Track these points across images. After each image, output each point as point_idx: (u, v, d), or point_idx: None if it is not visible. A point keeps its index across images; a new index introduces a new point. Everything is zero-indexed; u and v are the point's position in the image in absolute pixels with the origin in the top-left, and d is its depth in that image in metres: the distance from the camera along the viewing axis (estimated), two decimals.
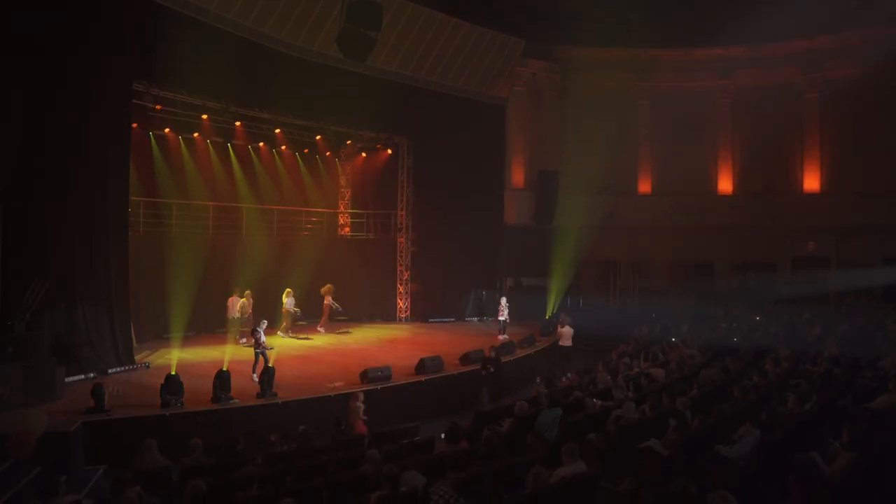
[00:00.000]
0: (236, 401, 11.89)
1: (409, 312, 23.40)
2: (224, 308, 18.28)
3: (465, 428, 10.14)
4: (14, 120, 12.15)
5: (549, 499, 6.21)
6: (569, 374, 15.23)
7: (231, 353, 15.55)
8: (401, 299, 23.41)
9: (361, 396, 11.76)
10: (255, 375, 13.51)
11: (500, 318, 19.80)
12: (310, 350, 17.72)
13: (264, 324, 14.36)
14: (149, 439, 8.79)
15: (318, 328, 20.35)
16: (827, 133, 24.28)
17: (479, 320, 23.40)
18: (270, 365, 12.87)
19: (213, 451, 9.66)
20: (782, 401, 9.29)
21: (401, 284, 23.46)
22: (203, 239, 19.12)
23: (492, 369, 14.50)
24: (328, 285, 20.36)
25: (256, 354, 13.92)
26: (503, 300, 20.21)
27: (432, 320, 22.80)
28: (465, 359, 15.65)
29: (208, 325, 19.10)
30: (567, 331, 17.96)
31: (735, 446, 7.89)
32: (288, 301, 18.93)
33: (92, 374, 13.34)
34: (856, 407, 9.58)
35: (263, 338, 13.98)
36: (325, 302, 20.21)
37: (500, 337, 18.83)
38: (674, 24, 24.42)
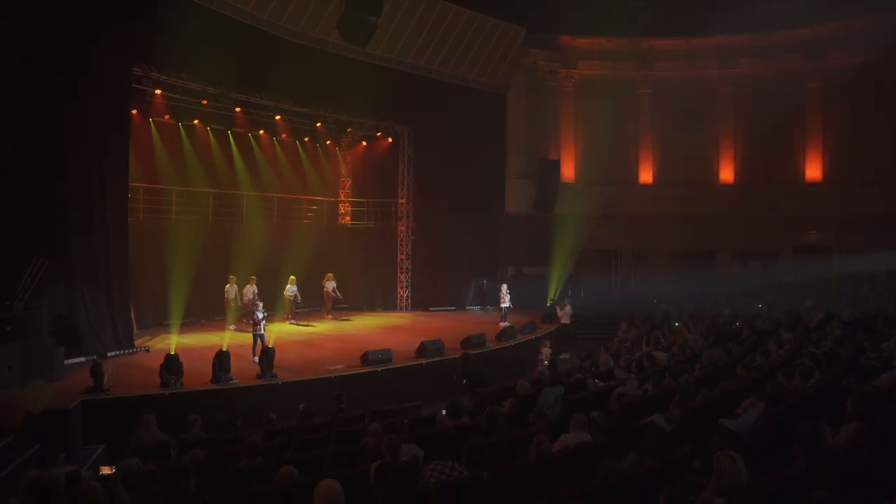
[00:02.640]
0: (236, 381, 11.84)
1: (409, 301, 23.35)
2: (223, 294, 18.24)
3: (468, 407, 10.10)
4: (11, 98, 12.06)
5: (552, 466, 6.13)
6: (569, 355, 15.21)
7: (230, 337, 15.51)
8: (401, 288, 23.34)
9: (548, 343, 15.09)
10: (255, 358, 13.48)
11: (503, 306, 19.81)
12: (311, 336, 17.72)
13: (260, 305, 14.36)
14: (147, 415, 8.72)
15: (326, 315, 20.52)
16: (829, 122, 24.19)
17: (480, 309, 23.35)
18: (270, 346, 12.80)
19: (213, 429, 9.60)
20: (787, 376, 9.21)
21: (401, 273, 23.40)
22: (203, 226, 19.07)
23: (464, 380, 13.24)
24: (329, 273, 20.33)
25: (255, 337, 13.90)
26: (504, 287, 20.19)
27: (433, 309, 22.74)
28: (467, 342, 15.59)
29: (208, 312, 19.07)
30: (568, 310, 19.22)
31: (739, 419, 7.81)
32: (290, 288, 18.88)
33: (91, 357, 13.27)
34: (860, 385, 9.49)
35: (262, 320, 14.00)
36: (325, 290, 20.18)
37: (502, 323, 18.79)
38: (675, 13, 24.33)
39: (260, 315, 13.97)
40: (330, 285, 20.20)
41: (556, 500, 4.94)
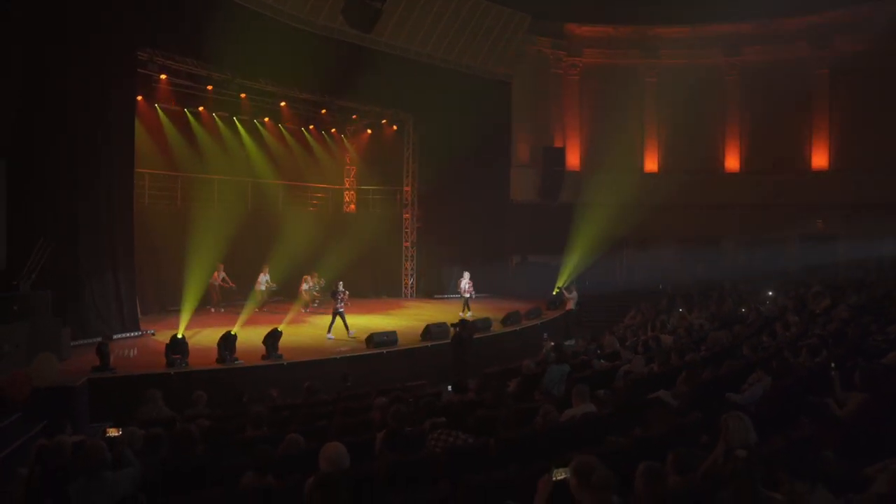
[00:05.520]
0: (241, 361, 11.86)
1: (414, 288, 23.32)
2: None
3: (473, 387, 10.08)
4: (14, 76, 12.04)
5: (558, 435, 6.12)
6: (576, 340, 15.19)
7: (239, 324, 15.52)
8: (406, 276, 23.32)
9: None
10: (351, 332, 14.95)
11: (465, 295, 18.95)
12: (317, 321, 17.72)
13: (341, 284, 15.50)
14: (153, 390, 8.75)
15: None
16: (836, 109, 24.00)
17: (487, 297, 23.16)
18: (279, 329, 12.81)
19: (218, 407, 9.60)
20: (794, 353, 9.18)
21: (406, 261, 23.39)
22: (207, 212, 19.00)
23: (455, 326, 13.72)
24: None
25: (335, 314, 14.86)
26: (466, 275, 19.29)
27: (438, 297, 22.70)
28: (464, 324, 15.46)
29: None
30: (574, 296, 19.23)
31: (745, 393, 7.78)
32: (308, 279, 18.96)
33: (97, 339, 13.29)
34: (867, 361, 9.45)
35: (342, 299, 15.15)
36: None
37: (461, 314, 18.09)
38: (681, 1, 24.18)
39: (341, 294, 15.19)
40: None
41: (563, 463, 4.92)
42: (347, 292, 15.63)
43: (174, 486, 5.11)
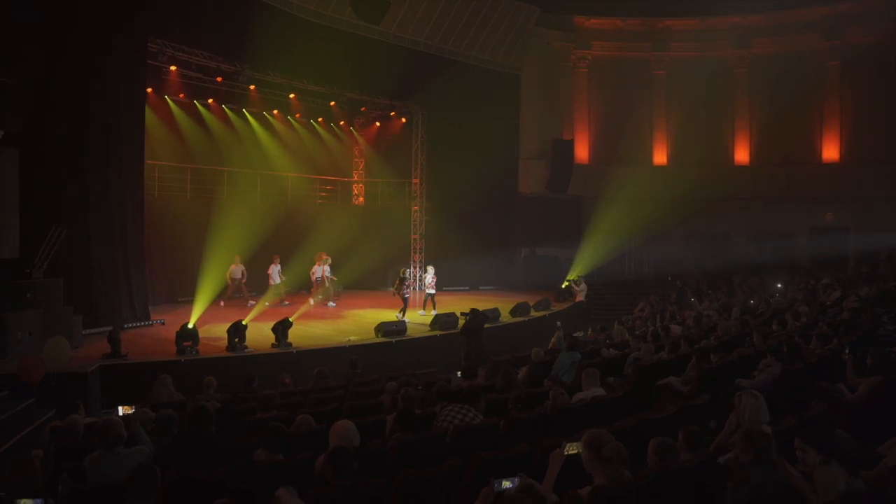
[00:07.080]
0: (251, 349, 11.92)
1: (422, 280, 23.27)
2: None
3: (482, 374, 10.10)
4: (27, 67, 12.08)
5: (568, 417, 6.12)
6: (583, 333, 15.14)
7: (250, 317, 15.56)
8: (415, 267, 23.32)
9: None
10: (400, 314, 15.73)
11: (429, 291, 17.89)
12: (327, 311, 17.78)
13: (408, 272, 16.06)
14: (164, 374, 8.82)
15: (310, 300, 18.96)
16: (847, 101, 23.80)
17: (494, 289, 23.19)
18: (290, 319, 12.84)
19: (228, 393, 9.65)
20: (805, 340, 9.14)
21: (415, 253, 23.39)
22: (217, 204, 19.10)
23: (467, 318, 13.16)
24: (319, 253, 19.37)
25: (403, 300, 15.92)
26: (430, 270, 18.24)
27: (446, 289, 22.62)
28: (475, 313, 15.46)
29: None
30: (583, 289, 19.30)
31: (756, 379, 7.76)
32: (317, 269, 18.90)
33: (108, 328, 13.36)
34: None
35: (409, 285, 15.89)
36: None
37: (421, 312, 17.59)
38: None
39: (408, 280, 16.08)
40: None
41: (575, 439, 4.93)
42: (411, 279, 15.97)
43: (186, 462, 5.14)
